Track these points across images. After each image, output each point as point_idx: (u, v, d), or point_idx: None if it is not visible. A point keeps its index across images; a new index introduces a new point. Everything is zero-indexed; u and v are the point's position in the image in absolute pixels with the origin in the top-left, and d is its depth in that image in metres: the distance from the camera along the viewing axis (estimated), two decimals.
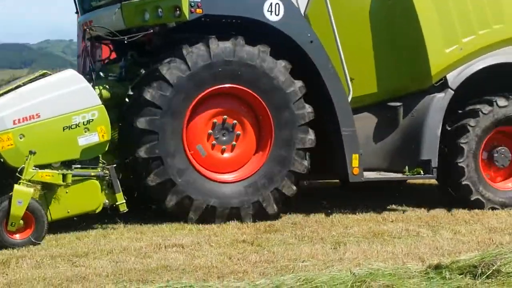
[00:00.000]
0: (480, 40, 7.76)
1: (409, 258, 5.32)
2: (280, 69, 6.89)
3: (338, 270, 4.80)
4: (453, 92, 7.68)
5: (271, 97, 6.88)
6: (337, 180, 8.86)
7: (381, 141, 7.65)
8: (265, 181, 6.92)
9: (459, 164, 7.67)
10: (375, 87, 7.61)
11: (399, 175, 7.64)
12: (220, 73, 6.73)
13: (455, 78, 7.70)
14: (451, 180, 7.79)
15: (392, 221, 7.01)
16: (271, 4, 6.83)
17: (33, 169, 5.97)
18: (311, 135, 7.04)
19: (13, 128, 6.01)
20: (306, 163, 7.05)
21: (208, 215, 6.76)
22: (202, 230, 6.55)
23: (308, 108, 7.03)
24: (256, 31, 6.93)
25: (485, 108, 7.72)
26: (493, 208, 7.71)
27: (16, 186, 5.85)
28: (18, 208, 5.78)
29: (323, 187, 9.67)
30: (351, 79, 7.28)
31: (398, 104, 7.59)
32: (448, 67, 7.67)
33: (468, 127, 7.66)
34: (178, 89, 6.63)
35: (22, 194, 5.83)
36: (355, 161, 7.19)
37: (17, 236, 5.89)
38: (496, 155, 7.93)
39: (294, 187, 7.03)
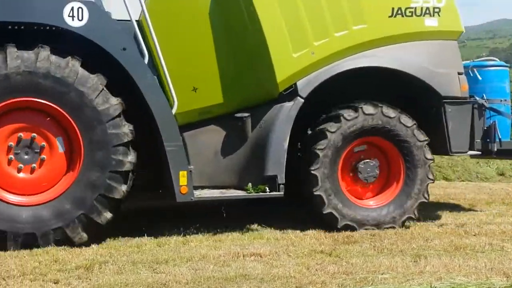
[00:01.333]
0: (336, 43, 6.91)
1: (493, 273, 5.16)
2: (91, 83, 6.17)
3: (419, 283, 4.72)
4: (303, 100, 6.85)
5: (81, 114, 6.16)
6: None
7: (229, 156, 6.92)
8: (71, 205, 6.21)
9: (313, 172, 6.86)
10: (220, 97, 6.83)
11: (242, 193, 6.83)
12: (19, 85, 6.03)
13: (305, 85, 6.87)
14: (305, 190, 7.04)
15: (474, 235, 6.82)
16: (72, 9, 6.13)
17: None
18: (130, 157, 6.31)
19: None
20: (123, 187, 6.31)
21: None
22: (280, 240, 6.55)
23: (126, 127, 6.29)
24: (67, 40, 6.30)
25: (349, 114, 6.92)
26: (348, 226, 6.93)
27: None
28: None
29: None
30: (195, 89, 6.74)
31: (246, 115, 6.82)
32: (298, 73, 6.83)
33: (327, 132, 6.86)
34: None
35: None
36: (182, 179, 6.49)
37: None
38: (361, 167, 7.11)
39: (109, 214, 6.30)
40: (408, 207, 7.13)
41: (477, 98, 7.63)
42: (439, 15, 7.20)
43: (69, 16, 6.12)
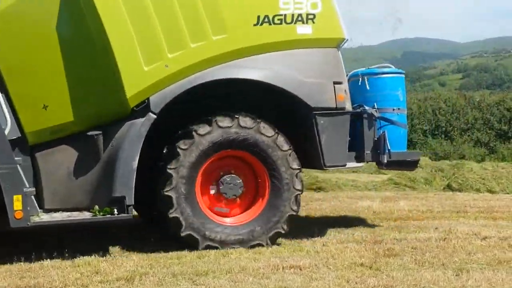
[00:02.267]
0: (192, 55, 6.46)
1: None
2: None
3: None
4: (155, 116, 6.41)
5: None
6: None
7: (82, 177, 6.47)
8: None
9: (167, 194, 6.49)
10: (71, 115, 6.37)
11: (88, 216, 6.38)
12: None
13: (159, 100, 6.42)
14: (160, 213, 6.69)
15: None
16: None
17: None
18: None
19: None
20: None
21: None
22: (320, 252, 6.52)
23: None
24: None
25: (202, 129, 6.54)
26: (210, 247, 6.56)
27: None
28: None
29: (438, 215, 9.38)
30: (45, 107, 6.33)
31: (97, 133, 6.37)
32: (150, 88, 6.38)
33: (179, 150, 6.48)
34: None
35: None
36: (17, 204, 6.03)
37: None
38: (223, 183, 6.74)
39: None
40: (275, 221, 6.73)
41: (367, 108, 7.30)
42: (313, 22, 6.74)
43: None
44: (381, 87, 7.53)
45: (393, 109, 7.47)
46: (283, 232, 6.80)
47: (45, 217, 6.36)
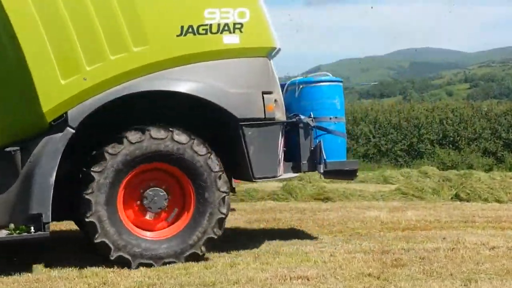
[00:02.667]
0: (112, 67, 6.29)
1: None
2: None
3: None
4: (73, 130, 6.23)
5: None
6: None
7: (1, 194, 6.27)
8: None
9: (86, 197, 6.28)
10: None
11: (4, 235, 6.21)
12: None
13: (77, 114, 6.24)
14: (80, 216, 6.50)
15: None
16: None
17: None
18: None
19: None
20: None
21: None
22: (327, 262, 6.51)
23: None
24: None
25: (134, 137, 6.36)
26: (122, 258, 6.35)
27: None
28: None
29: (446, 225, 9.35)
30: None
31: (15, 149, 6.19)
32: (68, 102, 6.20)
33: (106, 154, 6.29)
34: None
35: None
36: None
37: None
38: (147, 196, 6.53)
39: None
40: (194, 242, 6.53)
41: (302, 117, 7.20)
42: (241, 32, 6.59)
43: None
44: (317, 95, 7.44)
45: (330, 118, 7.40)
46: (215, 237, 6.62)
47: None
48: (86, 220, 6.33)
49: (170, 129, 6.45)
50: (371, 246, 7.27)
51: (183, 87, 6.46)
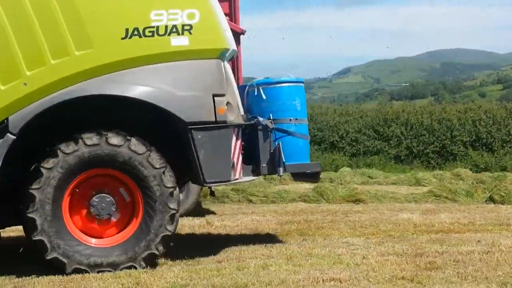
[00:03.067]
0: (55, 71, 6.19)
1: None
2: None
3: None
4: (13, 137, 6.11)
5: None
6: None
7: None
8: None
9: (30, 216, 6.15)
10: None
11: None
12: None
13: (17, 120, 6.13)
14: (28, 236, 6.36)
15: None
16: None
17: None
18: None
19: None
20: None
21: None
22: (360, 265, 6.47)
23: None
24: None
25: (68, 147, 6.22)
26: (79, 270, 6.25)
27: None
28: None
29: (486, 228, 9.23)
30: None
31: None
32: (9, 107, 6.13)
33: (42, 169, 6.16)
34: None
35: None
36: None
37: None
38: (94, 203, 6.41)
39: None
40: (149, 242, 6.40)
41: (260, 119, 7.07)
42: (190, 33, 6.46)
43: None
44: (277, 97, 7.30)
45: (290, 120, 7.24)
46: (157, 253, 6.46)
47: None
48: (28, 215, 6.20)
49: (104, 133, 6.32)
50: (404, 249, 7.20)
51: (129, 91, 6.34)
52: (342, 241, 7.78)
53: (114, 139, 6.30)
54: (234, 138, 6.66)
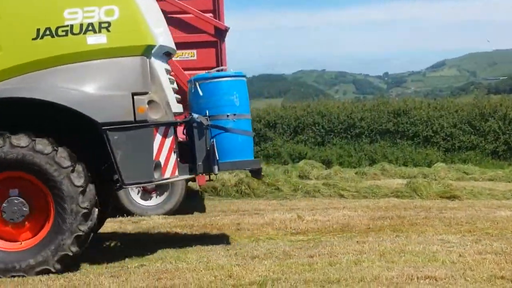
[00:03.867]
0: None
1: None
2: None
3: None
4: None
5: None
6: None
7: None
8: None
9: None
10: None
11: None
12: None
13: None
14: None
15: None
16: None
17: None
18: None
19: None
20: None
21: None
22: (456, 263, 6.28)
23: None
24: None
25: None
26: None
27: None
28: None
29: None
30: None
31: None
32: None
33: None
34: None
35: None
36: None
37: None
38: (5, 207, 6.23)
39: None
40: (61, 243, 6.18)
41: (195, 116, 6.78)
42: (108, 31, 6.24)
43: None
44: (213, 92, 7.00)
45: (228, 115, 6.93)
46: (71, 254, 6.24)
47: None
48: None
49: (8, 134, 6.19)
50: (503, 247, 6.95)
51: (36, 93, 6.17)
52: (437, 238, 7.58)
53: (18, 141, 6.18)
54: (159, 137, 6.46)
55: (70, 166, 6.21)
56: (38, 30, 6.18)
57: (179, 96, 7.20)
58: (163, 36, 6.77)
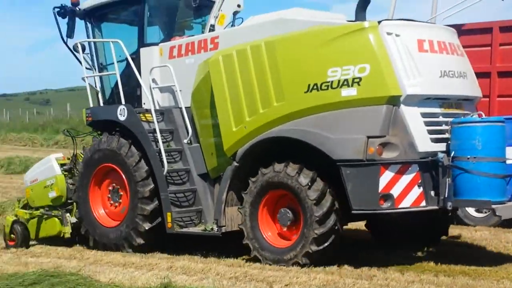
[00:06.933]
0: (261, 118, 7.91)
1: None
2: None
3: None
4: (237, 164, 8.15)
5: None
6: None
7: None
8: None
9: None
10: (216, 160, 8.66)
11: (199, 231, 8.59)
12: (104, 155, 9.20)
13: (240, 152, 8.15)
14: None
15: None
16: (120, 109, 9.08)
17: (19, 208, 10.13)
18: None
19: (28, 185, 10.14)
20: None
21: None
22: None
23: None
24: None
25: (264, 171, 7.86)
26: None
27: (7, 217, 10.41)
28: (6, 227, 9.93)
29: None
30: (212, 154, 8.65)
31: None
32: (237, 143, 8.14)
33: (250, 182, 8.01)
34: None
35: (8, 220, 9.98)
36: (168, 218, 8.62)
37: (11, 243, 9.78)
38: (279, 216, 7.91)
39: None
40: (305, 243, 7.53)
41: (440, 155, 7.29)
42: (359, 85, 7.22)
43: (119, 114, 9.13)
44: (459, 135, 7.45)
45: (468, 158, 7.31)
46: (311, 252, 7.45)
47: (182, 230, 8.64)
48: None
49: (279, 163, 7.77)
50: None
51: (298, 134, 7.60)
52: None
53: (290, 169, 7.64)
54: (389, 173, 7.19)
55: (315, 198, 7.45)
56: (309, 85, 7.52)
57: None
58: (422, 85, 7.34)
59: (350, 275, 6.93)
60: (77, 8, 9.84)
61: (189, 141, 8.93)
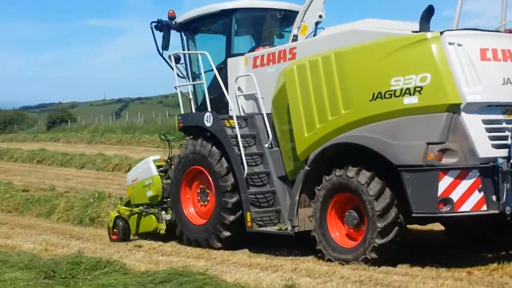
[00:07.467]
0: (330, 125, 8.28)
1: None
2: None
3: None
4: (308, 168, 8.62)
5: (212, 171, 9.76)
6: None
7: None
8: None
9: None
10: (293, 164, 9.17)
11: (275, 230, 9.17)
12: (192, 158, 10.00)
13: (311, 157, 8.58)
14: None
15: None
16: (207, 116, 9.78)
17: (121, 205, 11.22)
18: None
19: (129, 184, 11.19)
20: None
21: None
22: None
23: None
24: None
25: (327, 176, 8.30)
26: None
27: (110, 212, 11.38)
28: (110, 222, 11.02)
29: None
30: (289, 157, 9.16)
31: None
32: (309, 148, 8.60)
33: (316, 190, 8.46)
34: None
35: (112, 216, 11.00)
36: (248, 217, 9.22)
37: (114, 237, 10.88)
38: (346, 216, 8.29)
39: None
40: (371, 242, 7.84)
41: (499, 161, 7.35)
42: (420, 93, 7.44)
43: (206, 120, 9.85)
44: None
45: None
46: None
47: (260, 229, 9.26)
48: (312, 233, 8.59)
49: (348, 167, 8.16)
50: None
51: (363, 140, 7.96)
52: None
53: (350, 172, 8.07)
54: (448, 178, 7.40)
55: (375, 193, 7.88)
56: (374, 94, 7.89)
57: None
58: (483, 93, 7.52)
59: (480, 282, 6.87)
60: (173, 21, 10.60)
61: (269, 146, 9.49)
